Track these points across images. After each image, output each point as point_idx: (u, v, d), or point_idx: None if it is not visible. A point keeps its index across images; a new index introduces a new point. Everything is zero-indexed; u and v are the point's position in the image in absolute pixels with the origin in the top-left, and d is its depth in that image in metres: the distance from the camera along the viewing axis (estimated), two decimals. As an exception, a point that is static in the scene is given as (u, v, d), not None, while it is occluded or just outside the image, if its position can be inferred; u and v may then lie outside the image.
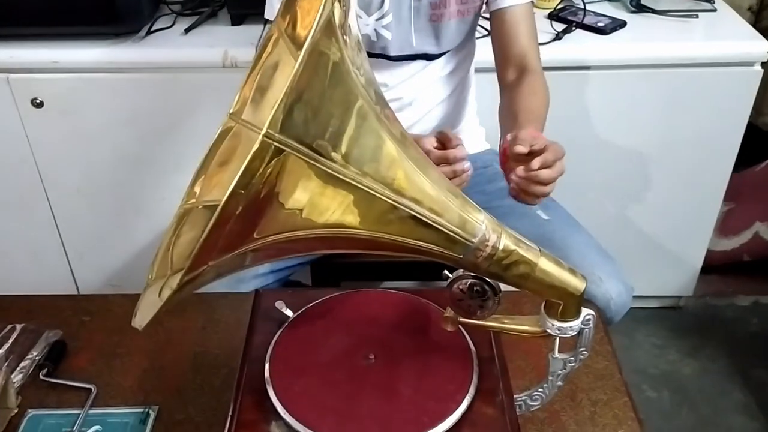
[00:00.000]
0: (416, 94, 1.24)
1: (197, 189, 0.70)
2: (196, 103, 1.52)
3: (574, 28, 1.55)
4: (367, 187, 0.54)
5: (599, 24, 1.56)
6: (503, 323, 0.74)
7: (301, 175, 0.49)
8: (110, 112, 1.54)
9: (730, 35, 1.55)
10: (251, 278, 1.14)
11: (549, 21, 1.57)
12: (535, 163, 0.93)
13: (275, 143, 0.44)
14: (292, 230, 0.52)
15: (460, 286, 0.71)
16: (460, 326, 0.80)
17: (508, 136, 0.99)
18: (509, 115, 1.11)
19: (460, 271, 0.71)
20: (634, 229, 1.74)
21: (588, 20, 1.56)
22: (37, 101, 1.51)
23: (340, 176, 0.52)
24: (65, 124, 1.55)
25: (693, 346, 1.81)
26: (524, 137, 0.96)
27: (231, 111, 0.73)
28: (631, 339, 1.82)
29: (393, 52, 1.18)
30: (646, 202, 1.70)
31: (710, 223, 1.73)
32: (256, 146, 0.42)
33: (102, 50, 1.48)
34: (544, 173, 0.94)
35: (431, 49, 1.20)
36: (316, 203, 0.52)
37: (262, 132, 0.42)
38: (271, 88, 0.71)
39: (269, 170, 0.45)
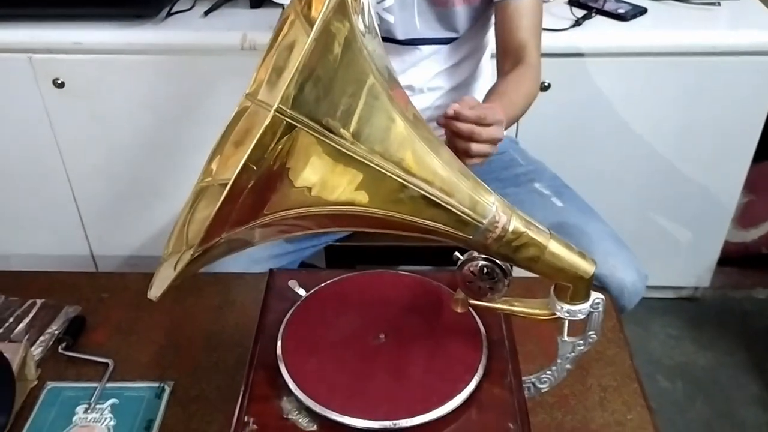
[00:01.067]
0: (425, 81, 1.23)
1: (213, 167, 0.71)
2: (214, 85, 1.53)
3: (594, 14, 1.54)
4: (377, 165, 0.55)
5: (619, 10, 1.54)
6: (513, 306, 0.75)
7: (312, 151, 0.49)
8: (130, 94, 1.56)
9: (752, 24, 1.53)
10: (266, 259, 1.16)
11: (569, 7, 1.56)
12: (450, 110, 0.86)
13: (287, 119, 0.45)
14: (302, 206, 0.53)
15: (471, 268, 0.72)
16: (470, 308, 0.81)
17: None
18: (487, 97, 1.10)
19: (471, 253, 0.71)
20: (651, 219, 1.72)
21: (608, 6, 1.55)
22: (59, 82, 1.53)
23: (350, 154, 0.52)
24: (86, 104, 1.57)
25: (709, 338, 1.80)
26: (467, 101, 0.90)
27: (247, 91, 0.74)
28: (647, 329, 1.81)
29: (399, 36, 1.18)
30: (664, 192, 1.69)
31: (728, 215, 1.72)
32: (267, 121, 0.43)
33: (122, 32, 1.50)
34: (462, 126, 0.86)
35: (438, 34, 1.19)
36: (326, 180, 0.53)
37: (274, 107, 0.43)
38: (287, 68, 0.71)
39: (280, 146, 0.46)
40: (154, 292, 0.54)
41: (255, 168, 0.45)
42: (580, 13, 1.54)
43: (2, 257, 1.80)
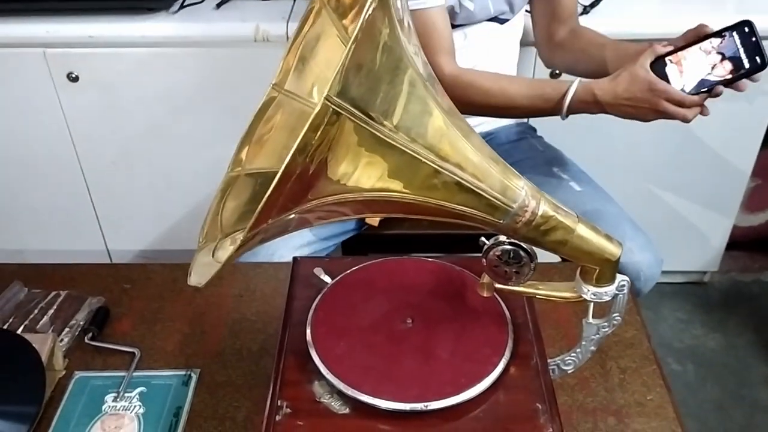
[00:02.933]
0: (487, 59, 1.24)
1: (243, 157, 0.72)
2: (228, 77, 1.54)
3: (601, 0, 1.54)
4: (414, 151, 0.56)
5: (628, -4, 1.55)
6: (538, 289, 0.76)
7: (354, 138, 0.51)
8: (144, 87, 1.56)
9: (762, 8, 1.53)
10: (285, 254, 1.16)
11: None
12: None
13: (333, 106, 0.46)
14: (342, 192, 0.54)
15: (497, 253, 0.73)
16: (495, 293, 0.82)
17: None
18: (590, 46, 1.24)
19: (497, 238, 0.72)
20: (660, 204, 1.73)
21: (616, -7, 1.55)
22: (73, 75, 1.53)
23: (390, 140, 0.53)
24: (100, 98, 1.57)
25: (718, 320, 1.81)
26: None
27: (274, 81, 0.75)
28: (657, 313, 1.82)
29: (475, 20, 1.19)
30: (672, 177, 1.70)
31: (737, 199, 1.72)
32: (318, 108, 0.44)
33: (135, 24, 1.50)
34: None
35: (504, 11, 1.21)
36: (366, 167, 0.54)
37: (324, 94, 0.44)
38: (313, 58, 0.72)
39: (326, 133, 0.47)
40: (196, 279, 0.56)
41: (302, 155, 0.46)
42: (587, 0, 1.54)
43: (17, 251, 1.80)
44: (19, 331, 0.96)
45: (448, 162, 0.59)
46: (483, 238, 0.77)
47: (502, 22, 1.23)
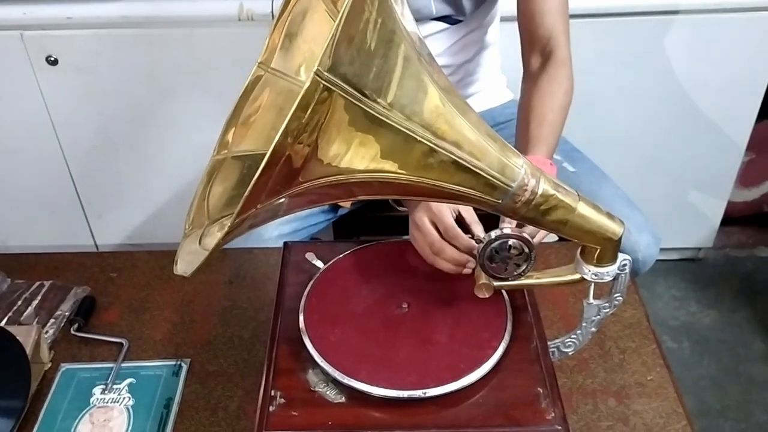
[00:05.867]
0: (440, 59, 1.19)
1: (229, 139, 0.69)
2: (212, 57, 1.50)
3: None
4: (409, 130, 0.53)
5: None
6: (540, 279, 0.74)
7: (346, 117, 0.48)
8: (125, 69, 1.52)
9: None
10: (275, 239, 1.14)
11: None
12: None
13: (324, 82, 0.43)
14: (335, 174, 0.52)
15: (493, 250, 0.70)
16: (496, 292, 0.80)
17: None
18: (523, 119, 0.99)
19: (489, 235, 0.70)
20: (654, 181, 1.72)
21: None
22: (52, 59, 1.50)
23: (384, 119, 0.51)
24: (80, 81, 1.54)
25: (713, 297, 1.81)
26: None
27: (260, 60, 0.72)
28: (651, 291, 1.82)
29: (420, 17, 1.13)
30: (666, 154, 1.69)
31: (732, 175, 1.72)
32: (307, 84, 0.41)
33: (115, 5, 1.46)
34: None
35: (450, 13, 1.14)
36: (359, 147, 0.52)
37: (314, 69, 0.41)
38: (300, 34, 0.69)
39: (316, 112, 0.44)
40: (183, 267, 0.53)
41: (292, 135, 0.43)
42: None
43: (-1, 240, 1.78)
44: (2, 324, 0.94)
45: (445, 140, 0.56)
46: (478, 234, 0.75)
47: (453, 22, 1.15)
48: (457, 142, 0.57)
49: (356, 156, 0.52)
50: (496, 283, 0.73)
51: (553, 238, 0.82)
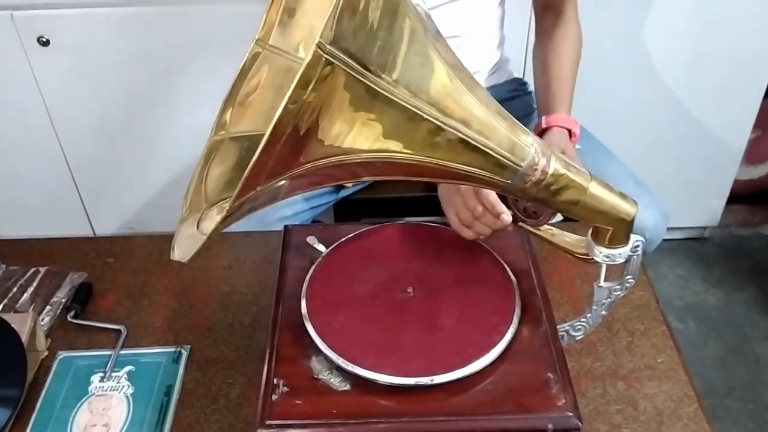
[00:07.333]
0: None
1: (227, 119, 0.67)
2: (208, 36, 1.47)
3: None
4: (415, 107, 0.51)
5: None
6: (554, 235, 0.73)
7: (350, 94, 0.45)
8: (120, 50, 1.49)
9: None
10: (275, 222, 1.12)
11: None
12: None
13: (326, 56, 0.40)
14: (337, 155, 0.49)
15: None
16: (499, 258, 0.78)
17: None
18: (542, 77, 1.14)
19: None
20: (659, 160, 1.70)
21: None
22: (44, 39, 1.46)
23: (388, 95, 0.48)
24: (73, 63, 1.50)
25: (718, 276, 1.80)
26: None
27: (257, 37, 0.69)
28: (656, 271, 1.80)
29: None
30: (671, 132, 1.66)
31: (739, 152, 1.69)
32: (309, 57, 0.39)
33: (107, -17, 1.43)
34: None
35: None
36: (363, 126, 0.49)
37: (315, 42, 0.38)
38: (299, 8, 0.67)
39: (318, 89, 0.42)
40: (180, 253, 0.51)
41: (293, 113, 0.41)
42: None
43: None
44: (-4, 311, 0.93)
45: (453, 118, 0.54)
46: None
47: None
48: (465, 119, 0.55)
49: (360, 135, 0.49)
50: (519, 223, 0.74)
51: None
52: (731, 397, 1.52)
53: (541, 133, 1.07)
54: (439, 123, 0.53)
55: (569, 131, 1.06)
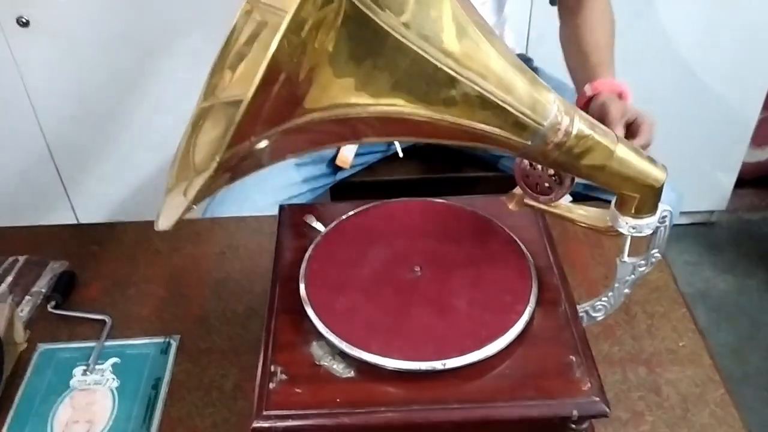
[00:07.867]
0: None
1: (216, 83, 0.61)
2: (195, 15, 1.43)
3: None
4: (428, 53, 0.45)
5: None
6: (571, 210, 0.67)
7: (355, 33, 0.40)
8: (104, 30, 1.45)
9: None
10: (270, 206, 1.07)
11: None
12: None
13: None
14: (340, 108, 0.44)
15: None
16: (512, 234, 0.73)
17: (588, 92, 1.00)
18: (578, 53, 1.09)
19: None
20: (668, 143, 1.65)
21: None
22: (23, 20, 1.42)
23: (399, 37, 0.42)
24: (55, 45, 1.46)
25: (728, 262, 1.77)
26: (615, 115, 0.94)
27: (248, -8, 0.63)
28: (664, 257, 1.76)
29: None
30: (678, 115, 1.63)
31: (746, 136, 1.67)
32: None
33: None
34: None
35: None
36: (369, 75, 0.43)
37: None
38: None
39: (320, 22, 0.36)
40: (164, 222, 0.45)
41: (292, 46, 0.35)
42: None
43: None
44: (-28, 302, 0.87)
45: (468, 68, 0.48)
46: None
47: None
48: (481, 71, 0.49)
49: (366, 86, 0.44)
50: (527, 201, 0.69)
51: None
52: (747, 383, 1.49)
53: (587, 102, 1.02)
54: (453, 74, 0.47)
55: (619, 96, 1.01)
